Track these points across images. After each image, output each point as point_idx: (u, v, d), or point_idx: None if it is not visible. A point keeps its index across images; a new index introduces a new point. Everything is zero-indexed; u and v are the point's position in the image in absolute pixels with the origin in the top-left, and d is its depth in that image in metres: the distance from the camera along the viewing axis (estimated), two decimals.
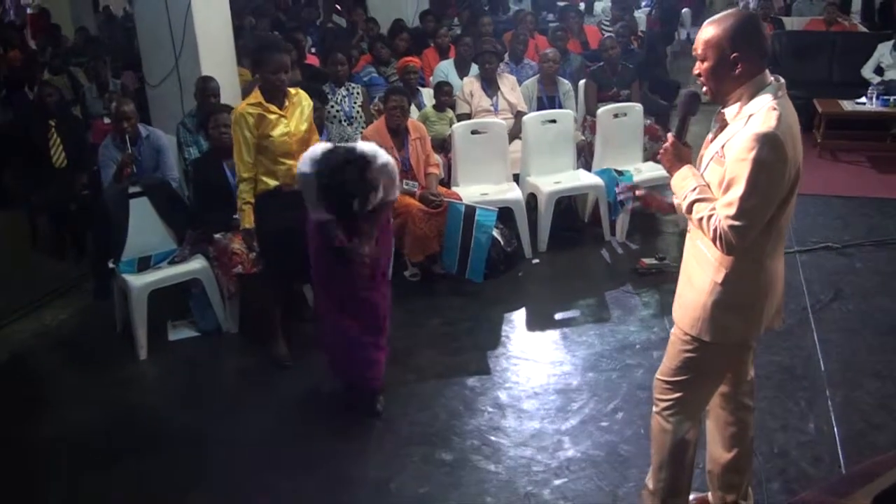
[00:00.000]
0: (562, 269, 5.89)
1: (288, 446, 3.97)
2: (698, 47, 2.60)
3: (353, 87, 6.62)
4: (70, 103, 8.22)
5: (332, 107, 6.31)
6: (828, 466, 3.57)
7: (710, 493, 3.19)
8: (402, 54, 7.92)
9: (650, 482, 3.07)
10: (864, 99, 8.17)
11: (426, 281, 5.73)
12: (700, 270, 2.71)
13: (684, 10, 15.90)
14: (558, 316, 5.16)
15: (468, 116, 6.64)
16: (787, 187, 2.51)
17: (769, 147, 2.39)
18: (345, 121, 6.34)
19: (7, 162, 8.28)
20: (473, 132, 6.21)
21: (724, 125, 2.63)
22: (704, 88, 2.65)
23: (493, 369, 4.54)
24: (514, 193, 6.01)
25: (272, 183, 4.51)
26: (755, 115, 2.47)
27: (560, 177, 6.24)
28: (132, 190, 5.17)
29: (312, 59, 8.47)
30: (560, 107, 6.85)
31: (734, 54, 2.50)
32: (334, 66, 6.65)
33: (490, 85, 6.78)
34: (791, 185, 2.53)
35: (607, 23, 10.50)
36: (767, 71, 2.56)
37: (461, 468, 3.70)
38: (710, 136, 2.72)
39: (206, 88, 5.82)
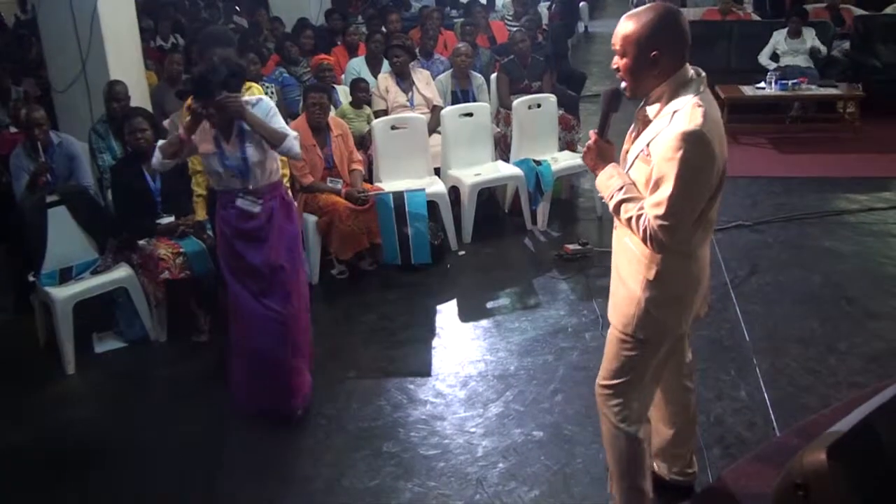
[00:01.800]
0: (488, 259, 5.97)
1: (236, 452, 3.92)
2: (616, 43, 2.54)
3: (268, 87, 6.57)
4: None
5: None
6: (762, 430, 3.74)
7: (655, 464, 3.26)
8: (309, 53, 7.88)
9: (615, 493, 3.01)
10: (763, 84, 8.52)
11: (355, 278, 5.72)
12: (630, 268, 2.68)
13: (581, 3, 16.25)
14: (490, 305, 5.23)
15: (385, 112, 6.65)
16: (715, 182, 2.49)
17: (696, 145, 2.36)
18: None
19: None
20: (393, 128, 6.23)
21: (646, 122, 2.58)
22: (623, 84, 2.58)
23: (431, 360, 4.58)
24: (437, 187, 6.05)
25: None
26: (679, 113, 2.42)
27: (480, 169, 6.32)
28: (49, 199, 5.00)
29: None
30: (474, 100, 6.94)
31: (654, 51, 2.45)
32: (248, 66, 6.57)
33: (404, 80, 6.80)
34: (719, 178, 2.51)
35: (510, 17, 10.64)
36: (688, 65, 2.52)
37: (409, 459, 3.72)
38: (631, 132, 2.70)
39: (114, 92, 5.69)
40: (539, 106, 6.66)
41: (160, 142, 4.04)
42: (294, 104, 6.95)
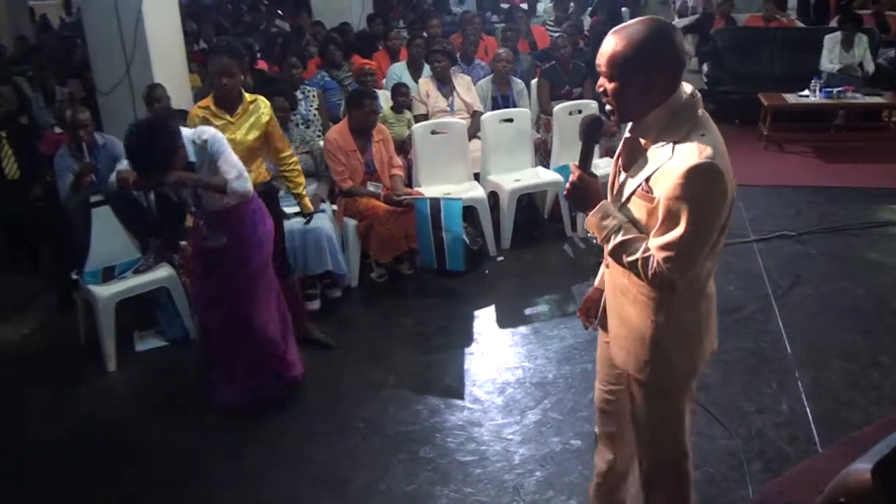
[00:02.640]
0: (527, 265, 5.95)
1: (272, 452, 3.93)
2: (602, 63, 2.22)
3: (309, 91, 6.62)
4: (17, 113, 8.02)
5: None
6: (804, 445, 3.68)
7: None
8: (348, 57, 7.93)
9: None
10: (807, 91, 8.41)
11: (393, 282, 5.73)
12: (635, 310, 2.43)
13: (623, 9, 16.15)
14: (528, 311, 5.20)
15: (425, 117, 6.66)
16: (727, 214, 2.25)
17: (709, 181, 2.12)
18: (302, 124, 6.31)
19: None
20: (433, 132, 6.24)
21: (635, 152, 2.31)
22: (608, 108, 2.29)
23: (469, 366, 4.57)
24: (476, 192, 6.05)
25: None
26: (682, 144, 2.16)
27: (520, 174, 6.30)
28: (93, 199, 5.07)
29: (261, 64, 8.41)
30: (514, 106, 6.92)
31: (647, 73, 2.17)
32: (290, 70, 6.63)
33: (445, 85, 6.81)
34: (731, 211, 2.27)
35: (551, 23, 10.61)
36: (683, 84, 2.26)
37: (446, 465, 3.71)
38: (617, 161, 2.44)
39: (154, 95, 5.76)
40: (580, 112, 6.62)
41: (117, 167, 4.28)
42: (335, 108, 6.98)
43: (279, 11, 12.74)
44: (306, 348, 4.84)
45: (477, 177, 6.38)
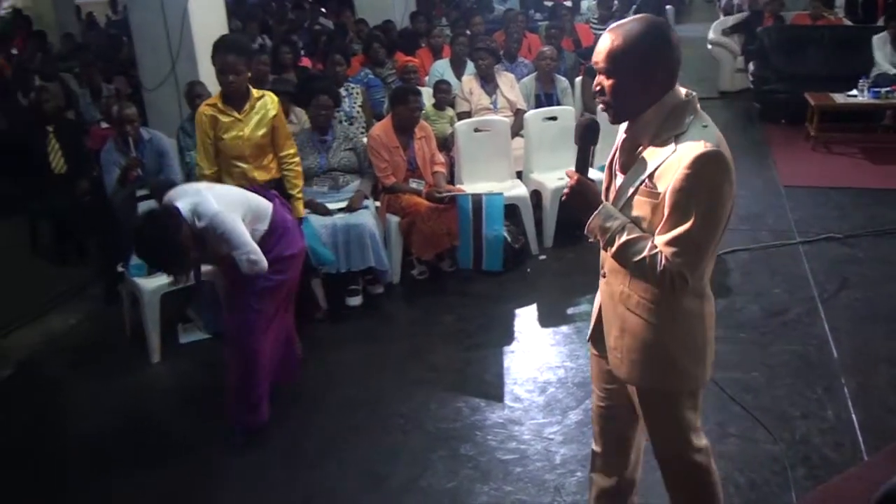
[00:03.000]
0: (569, 264, 5.90)
1: (313, 446, 3.96)
2: (600, 60, 2.21)
3: (353, 88, 6.64)
4: (63, 109, 8.15)
5: None
6: (849, 452, 3.60)
7: None
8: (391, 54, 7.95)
9: None
10: (854, 91, 8.26)
11: (435, 279, 5.74)
12: (634, 317, 2.37)
13: (668, 7, 16.00)
14: (570, 311, 5.17)
15: (468, 115, 6.66)
16: (731, 206, 2.22)
17: (716, 168, 2.10)
18: (345, 121, 6.34)
19: (3, 169, 8.24)
20: (476, 130, 6.23)
21: (633, 151, 2.28)
22: (601, 106, 2.27)
23: (509, 364, 4.55)
24: (519, 190, 6.03)
25: (229, 183, 4.51)
26: (685, 136, 2.14)
27: (563, 173, 6.24)
28: (139, 193, 5.14)
29: (305, 62, 8.47)
30: (558, 104, 6.89)
31: (645, 69, 2.16)
32: (333, 67, 6.66)
33: (489, 83, 6.80)
34: (733, 205, 2.24)
35: (595, 21, 10.54)
36: (678, 85, 2.25)
37: (487, 462, 3.70)
38: (612, 164, 2.42)
39: (195, 92, 5.81)
40: None
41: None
42: (378, 105, 7.00)
43: (323, 9, 12.80)
44: (353, 343, 4.92)
45: (520, 175, 6.35)
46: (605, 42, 2.20)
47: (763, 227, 6.29)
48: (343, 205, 5.37)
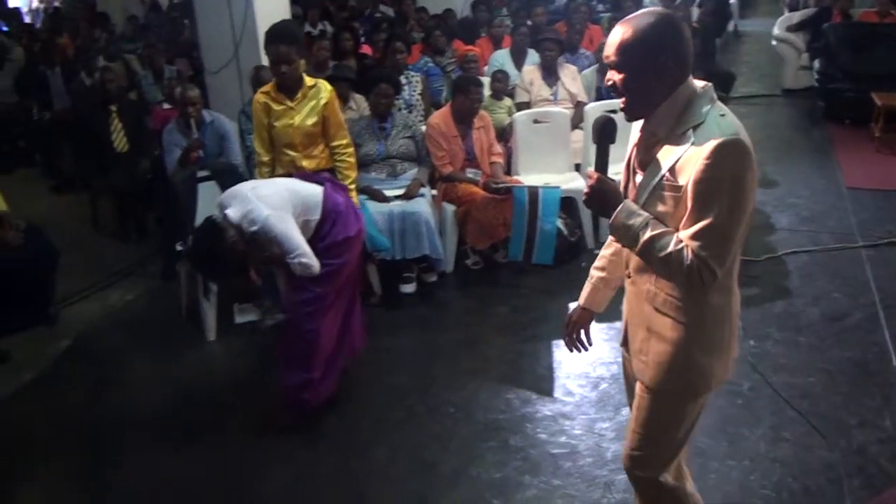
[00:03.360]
0: None
1: (364, 431, 3.99)
2: (611, 53, 2.16)
3: (413, 76, 6.65)
4: (126, 89, 8.30)
5: None
6: None
7: None
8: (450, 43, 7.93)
9: None
10: None
11: (488, 269, 5.73)
12: (661, 316, 2.30)
13: (732, 1, 15.72)
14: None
15: (527, 105, 6.63)
16: (754, 196, 2.15)
17: (737, 157, 2.04)
18: (405, 108, 6.35)
19: (65, 147, 8.44)
20: (535, 121, 6.20)
21: (650, 148, 2.22)
22: (620, 105, 2.21)
23: (562, 358, 4.52)
24: (577, 183, 5.98)
25: (280, 171, 4.60)
26: (703, 126, 2.09)
27: (622, 167, 6.18)
28: (200, 174, 5.21)
29: (365, 49, 8.49)
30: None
31: (659, 59, 2.10)
32: (394, 55, 6.67)
33: (550, 74, 6.76)
34: (756, 195, 2.18)
35: None
36: (692, 78, 2.18)
37: (536, 455, 3.69)
38: (629, 161, 2.37)
39: (260, 77, 5.83)
40: None
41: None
42: (437, 94, 7.00)
43: None
44: (406, 330, 4.94)
45: (578, 168, 6.31)
46: (616, 35, 2.15)
47: (824, 229, 6.16)
48: (400, 192, 5.39)
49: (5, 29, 12.99)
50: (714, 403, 3.94)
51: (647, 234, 2.15)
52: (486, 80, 7.02)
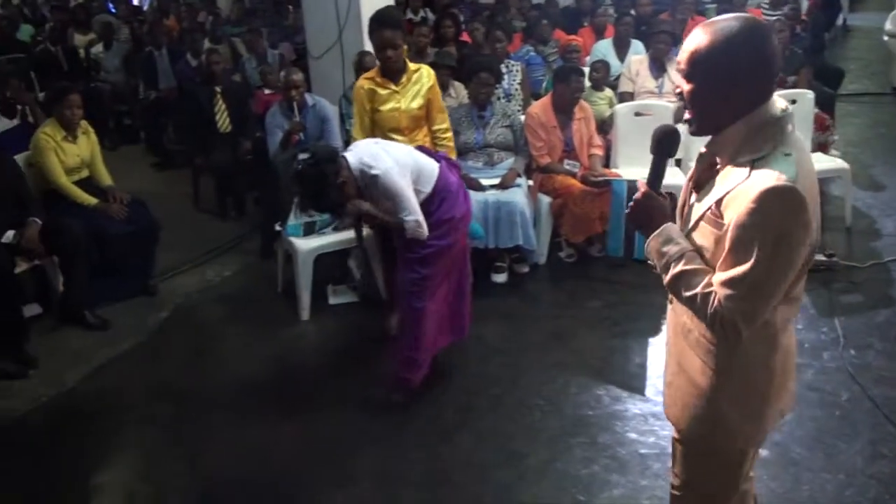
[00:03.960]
0: None
1: (451, 418, 4.00)
2: (683, 62, 1.95)
3: (513, 65, 6.61)
4: (231, 71, 8.49)
5: None
6: None
7: None
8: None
9: None
10: None
11: (582, 263, 5.67)
12: (695, 357, 2.12)
13: None
14: None
15: (631, 96, 6.52)
16: (807, 252, 1.90)
17: (786, 207, 1.79)
18: (504, 98, 6.31)
19: (169, 126, 8.68)
20: (637, 114, 6.09)
21: (712, 169, 2.02)
22: (687, 116, 2.00)
23: (655, 357, 4.43)
24: (675, 179, 5.84)
25: None
26: (762, 162, 1.85)
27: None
28: (301, 156, 5.26)
29: (465, 37, 8.47)
30: None
31: (730, 78, 1.87)
32: (493, 44, 6.64)
33: (658, 66, 6.62)
34: (812, 247, 1.91)
35: (766, 5, 10.11)
36: (776, 97, 1.93)
37: (625, 454, 3.63)
38: (689, 180, 2.18)
39: (363, 62, 5.87)
40: (794, 102, 6.25)
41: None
42: (537, 84, 6.94)
43: None
44: (496, 320, 4.91)
45: (679, 163, 6.17)
46: (691, 41, 1.92)
47: None
48: (496, 181, 5.37)
49: (113, 10, 13.46)
50: (811, 413, 3.85)
51: (678, 267, 1.98)
52: (587, 71, 6.95)
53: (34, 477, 3.73)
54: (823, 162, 6.16)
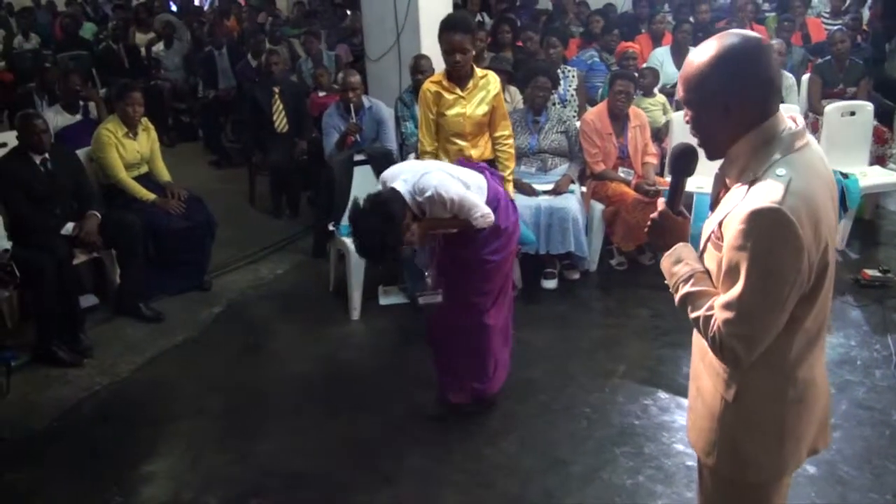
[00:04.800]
0: None
1: (496, 422, 4.01)
2: (680, 89, 1.94)
3: (570, 71, 6.59)
4: (289, 72, 8.60)
5: None
6: None
7: None
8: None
9: None
10: None
11: (633, 271, 5.65)
12: (708, 380, 2.06)
13: None
14: None
15: None
16: (808, 278, 1.81)
17: (772, 229, 1.73)
18: (559, 103, 6.31)
19: (225, 125, 8.82)
20: None
21: (720, 187, 2.01)
22: (697, 141, 1.99)
23: None
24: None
25: (445, 161, 4.52)
26: (759, 182, 1.79)
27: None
28: (356, 158, 5.35)
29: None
30: (782, 101, 6.54)
31: (724, 98, 1.84)
32: (548, 49, 6.64)
33: None
34: (819, 272, 1.84)
35: (826, 14, 9.95)
36: (781, 114, 1.88)
37: (671, 466, 3.60)
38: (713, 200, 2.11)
39: (419, 65, 5.90)
40: (853, 114, 6.17)
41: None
42: (594, 90, 6.92)
43: None
44: (544, 326, 4.93)
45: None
46: (684, 67, 1.91)
47: None
48: (549, 187, 5.37)
49: (172, 7, 13.71)
50: (860, 432, 3.80)
51: (686, 288, 1.95)
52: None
53: (86, 463, 3.84)
54: (880, 175, 6.06)
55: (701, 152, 2.03)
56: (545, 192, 5.31)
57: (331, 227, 5.23)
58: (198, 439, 4.02)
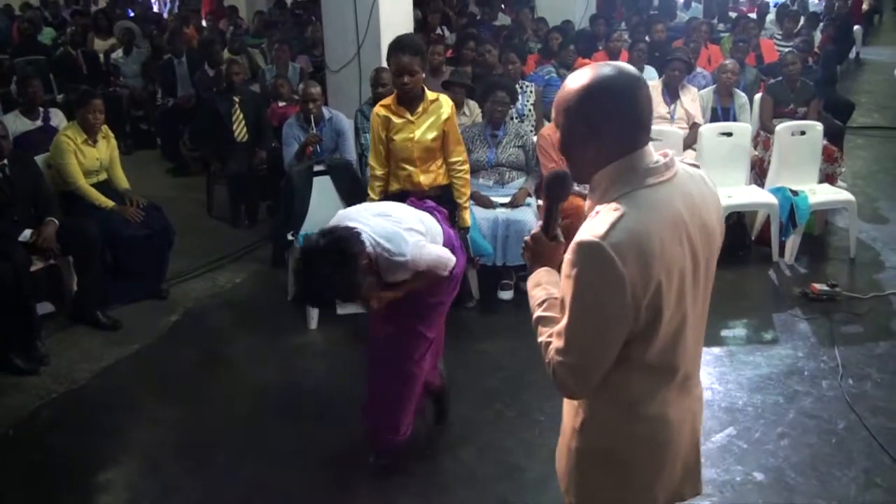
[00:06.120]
0: (728, 286, 5.68)
1: (454, 431, 4.06)
2: (553, 109, 1.92)
3: (527, 86, 6.69)
4: (248, 82, 8.59)
5: None
6: None
7: None
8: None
9: None
10: None
11: None
12: (567, 405, 2.06)
13: (856, 27, 15.27)
14: (724, 333, 5.03)
15: None
16: (634, 314, 1.77)
17: (588, 262, 1.73)
18: (517, 118, 6.40)
19: (183, 133, 8.78)
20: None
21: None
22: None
23: None
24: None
25: (395, 186, 4.55)
26: (598, 215, 1.78)
27: (732, 191, 6.07)
28: (316, 168, 5.39)
29: None
30: (734, 119, 6.73)
31: (589, 126, 1.81)
32: (506, 65, 6.74)
33: (671, 93, 6.71)
34: (654, 310, 1.79)
35: (779, 36, 10.21)
36: (649, 149, 1.84)
37: None
38: None
39: (380, 78, 5.93)
40: (803, 133, 6.34)
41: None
42: (551, 105, 7.00)
43: (502, 5, 12.92)
44: (500, 336, 5.00)
45: None
46: (560, 90, 1.89)
47: None
48: (506, 200, 5.44)
49: (131, 14, 13.62)
50: (807, 440, 3.91)
51: (538, 312, 1.96)
52: None
53: (42, 471, 3.81)
54: (830, 193, 6.22)
55: None
56: (503, 205, 5.38)
57: (290, 237, 5.24)
58: (155, 447, 4.02)
